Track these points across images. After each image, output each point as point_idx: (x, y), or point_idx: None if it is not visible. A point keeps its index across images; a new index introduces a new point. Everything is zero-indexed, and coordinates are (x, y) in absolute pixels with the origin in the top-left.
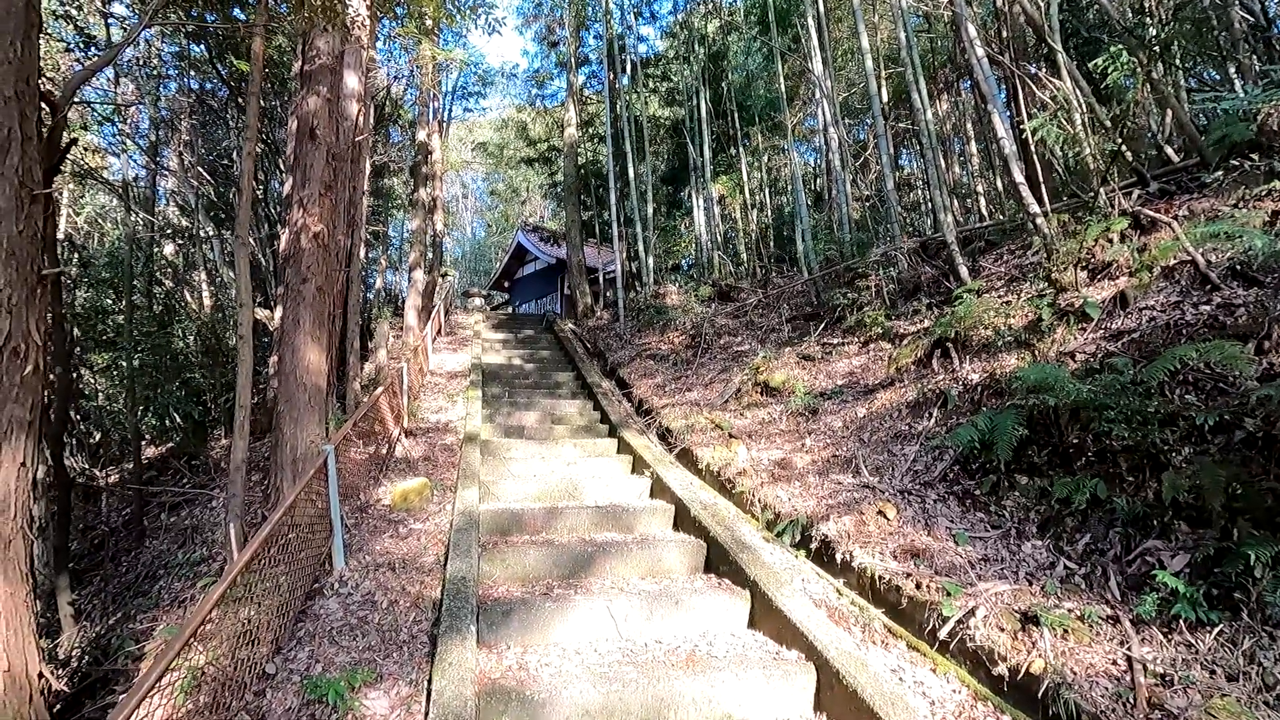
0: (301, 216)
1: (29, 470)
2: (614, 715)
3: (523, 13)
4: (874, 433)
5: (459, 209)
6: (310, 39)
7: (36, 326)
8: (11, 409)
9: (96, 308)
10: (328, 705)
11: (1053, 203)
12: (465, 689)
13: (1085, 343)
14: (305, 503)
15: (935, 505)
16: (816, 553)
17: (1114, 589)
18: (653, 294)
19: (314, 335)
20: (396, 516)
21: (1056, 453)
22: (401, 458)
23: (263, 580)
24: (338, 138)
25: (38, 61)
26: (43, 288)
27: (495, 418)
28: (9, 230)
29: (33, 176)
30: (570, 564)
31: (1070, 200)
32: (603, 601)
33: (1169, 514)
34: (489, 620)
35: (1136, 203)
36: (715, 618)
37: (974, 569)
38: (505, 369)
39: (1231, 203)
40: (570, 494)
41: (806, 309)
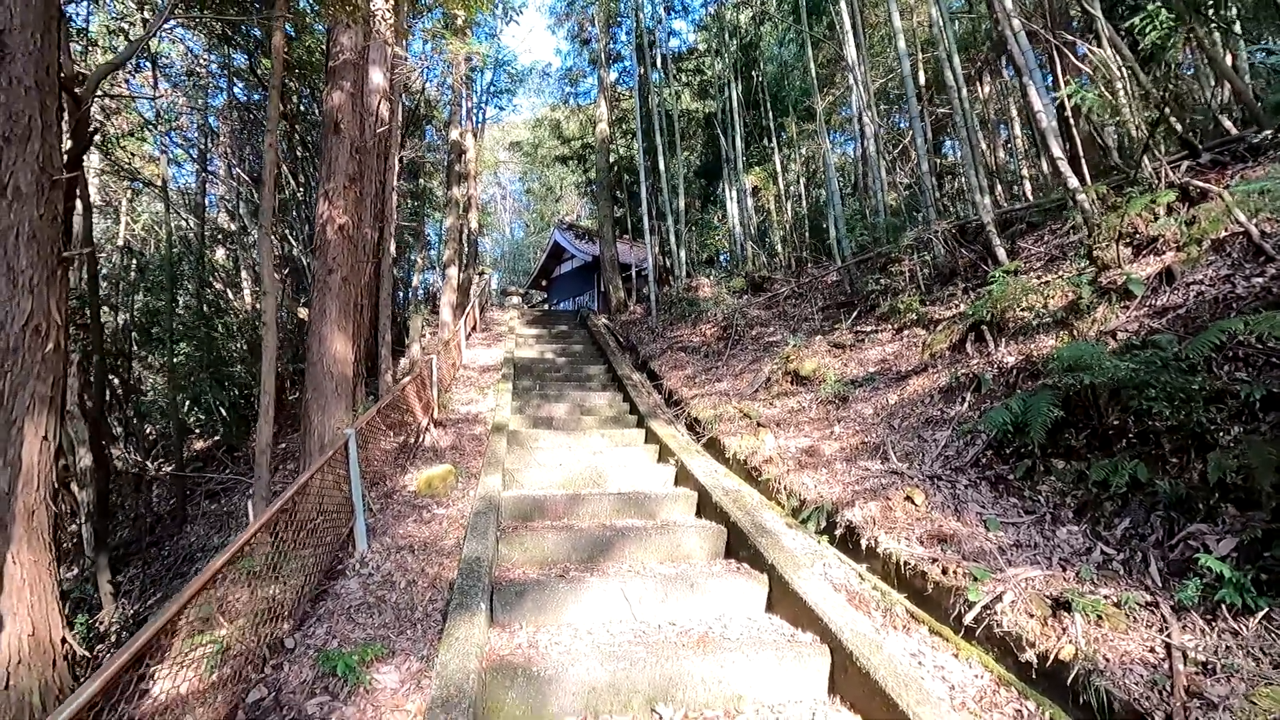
0: (327, 209)
1: (50, 444)
2: (620, 693)
3: (555, 12)
4: (905, 419)
5: (498, 209)
6: (334, 35)
7: (57, 307)
8: (34, 385)
9: (151, 309)
10: (339, 678)
11: (1096, 179)
12: (469, 663)
13: (1127, 320)
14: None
15: (966, 490)
16: (841, 539)
17: (1154, 575)
18: (685, 287)
19: (340, 325)
20: (421, 502)
21: (1095, 435)
22: (429, 447)
23: (283, 558)
24: (362, 132)
25: (58, 54)
26: (64, 268)
27: (525, 409)
28: (30, 213)
29: (53, 163)
30: (589, 548)
31: (1116, 176)
32: (617, 584)
33: (1215, 496)
34: (503, 600)
35: (1186, 174)
36: (732, 601)
37: (1004, 555)
38: (537, 363)
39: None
40: (594, 481)
41: (840, 298)
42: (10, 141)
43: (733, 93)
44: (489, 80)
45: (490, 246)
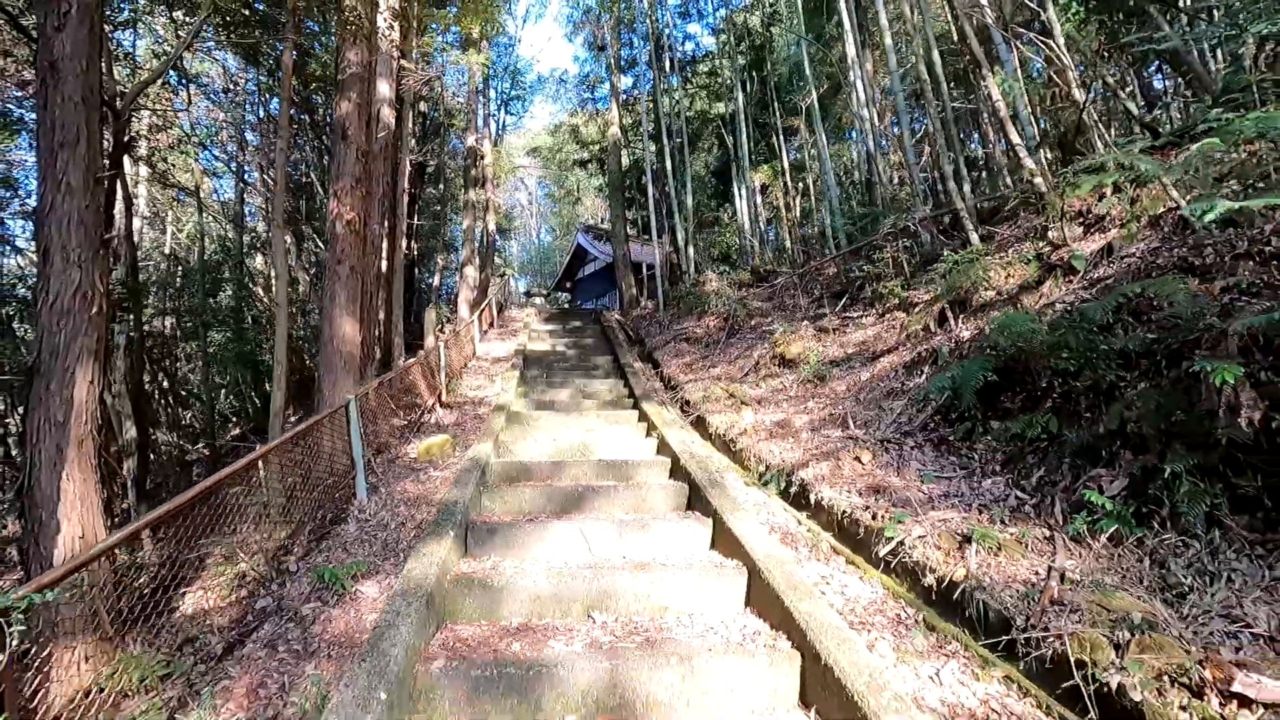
0: (336, 206)
1: (95, 387)
2: (561, 602)
3: (571, 20)
4: (870, 392)
5: (524, 215)
6: (342, 51)
7: (100, 279)
8: (82, 340)
9: (190, 308)
10: (331, 589)
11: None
12: (431, 570)
13: (1067, 293)
14: (336, 449)
15: (911, 451)
16: (796, 496)
17: (1058, 514)
18: (693, 283)
19: (348, 310)
20: (419, 466)
21: (1029, 396)
22: (434, 424)
23: (293, 503)
24: (369, 138)
25: (100, 77)
26: (105, 249)
27: (530, 394)
28: (79, 204)
29: (97, 164)
30: (563, 502)
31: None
32: (579, 526)
33: (1116, 444)
34: (476, 538)
35: (1137, 155)
36: (679, 541)
37: (931, 503)
38: (548, 354)
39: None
40: (581, 451)
41: (836, 287)
42: (63, 146)
43: (739, 96)
44: (506, 87)
45: (518, 251)
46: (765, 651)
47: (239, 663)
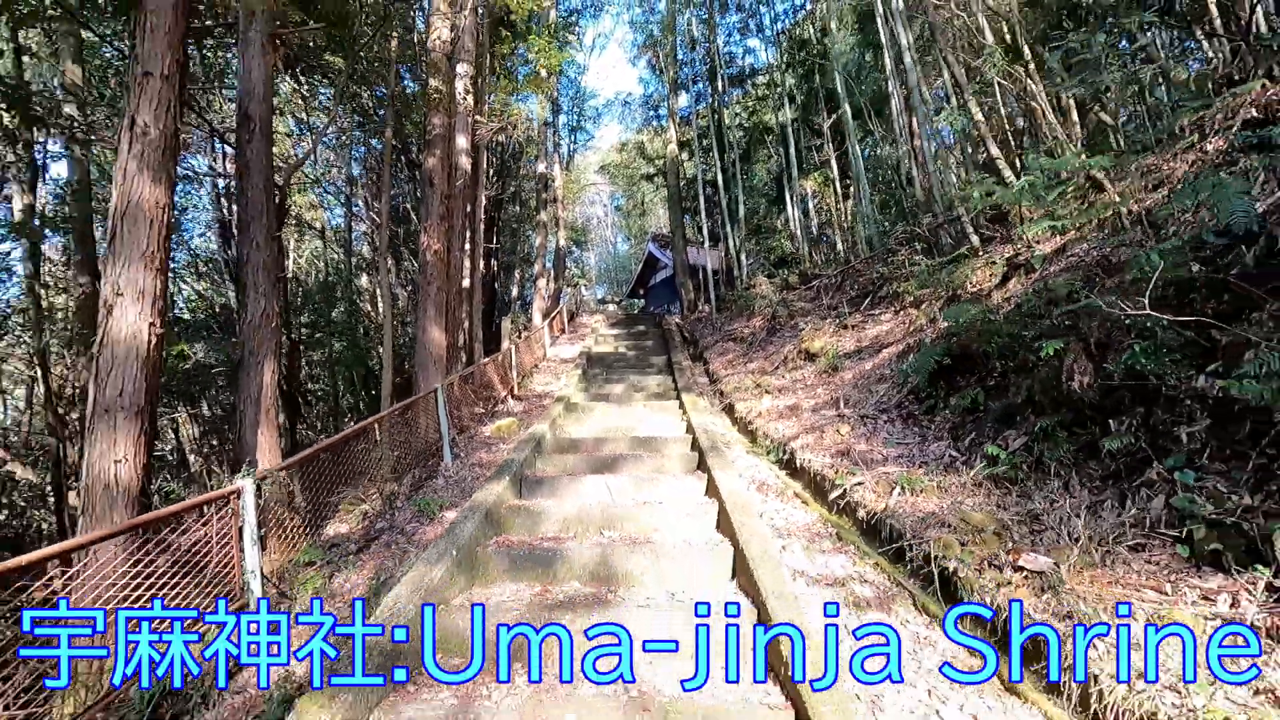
0: (426, 239)
1: (275, 375)
2: (581, 522)
3: (635, 44)
4: (867, 379)
5: (599, 226)
6: (429, 116)
7: (276, 304)
8: (267, 345)
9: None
10: (425, 515)
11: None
12: (490, 498)
13: (1023, 289)
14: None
15: (883, 424)
16: (787, 461)
17: (976, 466)
18: (745, 286)
19: (436, 321)
20: (492, 442)
21: (980, 378)
22: (506, 411)
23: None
24: (449, 184)
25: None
26: (281, 286)
27: (589, 389)
28: (264, 256)
29: (273, 227)
30: (598, 465)
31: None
32: (605, 480)
33: (1027, 410)
34: (528, 486)
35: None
36: (680, 490)
37: (885, 462)
38: (609, 355)
39: (1168, 158)
40: (623, 431)
41: (869, 286)
42: (253, 218)
43: (787, 109)
44: (575, 115)
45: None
46: (713, 548)
47: (366, 555)
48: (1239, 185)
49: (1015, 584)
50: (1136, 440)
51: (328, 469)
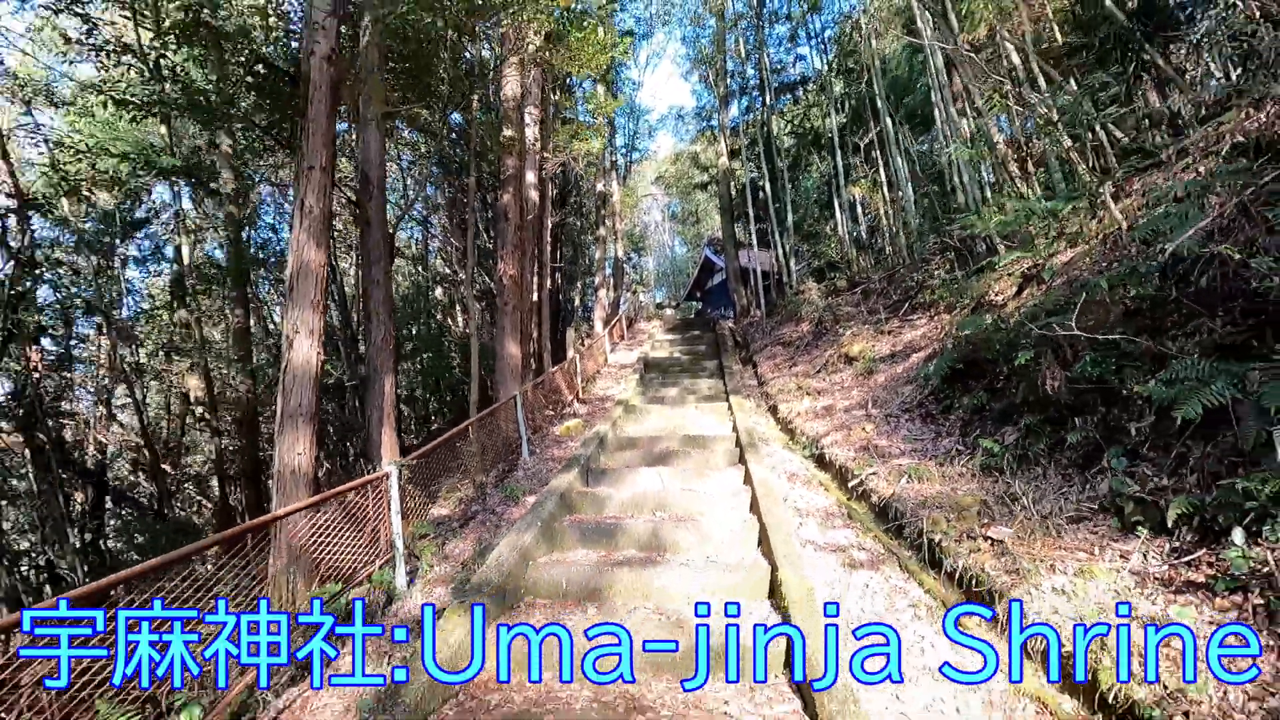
0: (502, 266)
1: (393, 385)
2: (637, 505)
3: (688, 58)
4: (896, 381)
5: (657, 231)
6: (502, 159)
7: (394, 328)
8: (387, 361)
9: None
10: (510, 499)
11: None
12: (563, 484)
13: (1032, 299)
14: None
15: (904, 422)
16: (818, 456)
17: (978, 457)
18: (795, 291)
19: (512, 337)
20: (562, 440)
21: (988, 382)
22: (572, 413)
23: (485, 457)
24: (521, 216)
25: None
26: (394, 311)
27: (646, 392)
28: (383, 291)
29: (389, 266)
30: (652, 459)
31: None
32: (658, 471)
33: (1022, 409)
34: (593, 476)
35: (1109, 185)
36: (723, 480)
37: (902, 455)
38: (665, 360)
39: (1167, 176)
40: (675, 429)
41: (908, 293)
42: (374, 261)
43: (833, 117)
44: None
45: (653, 266)
46: (744, 525)
47: (466, 529)
48: (1192, 212)
49: (983, 550)
50: (1094, 434)
51: (433, 463)
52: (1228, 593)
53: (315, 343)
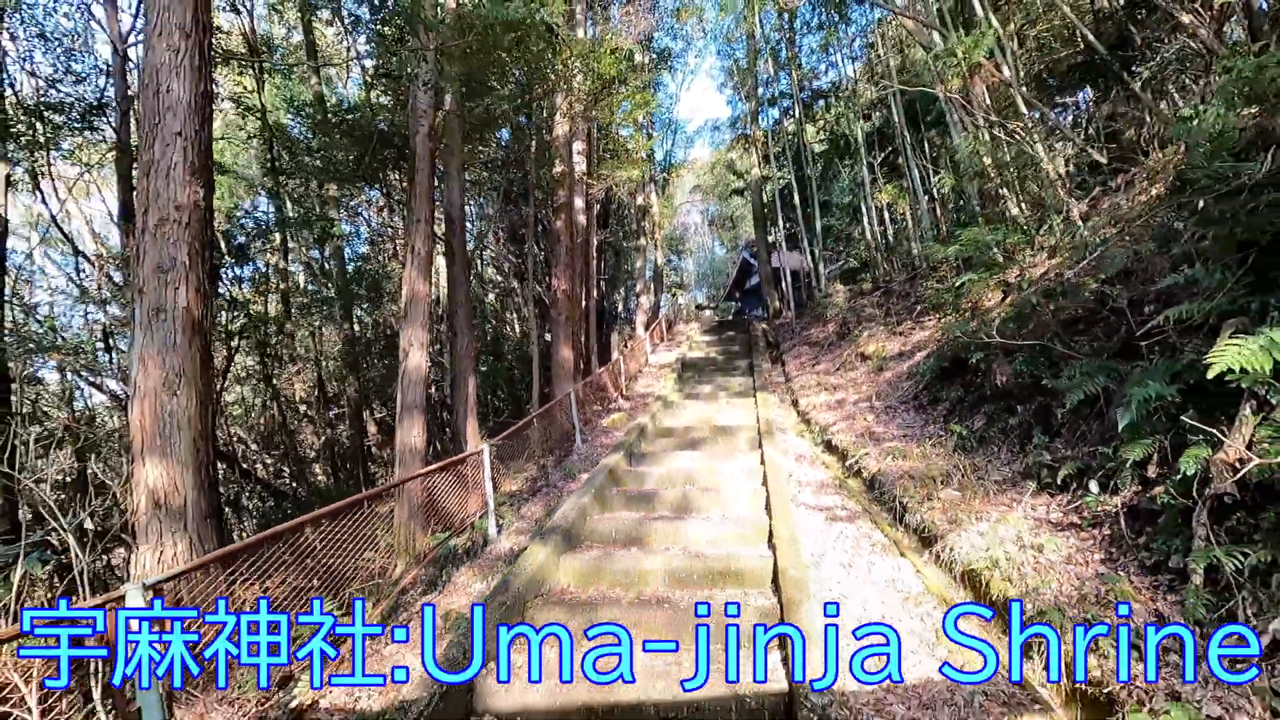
0: (556, 282)
1: (475, 383)
2: (672, 480)
3: (723, 70)
4: (900, 377)
5: (697, 233)
6: (554, 190)
7: (474, 337)
8: (468, 365)
9: None
10: (568, 475)
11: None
12: (611, 463)
13: (1011, 304)
14: (565, 421)
15: (900, 412)
16: (826, 441)
17: (950, 440)
18: (824, 294)
19: (565, 343)
20: (608, 430)
21: (968, 377)
22: (617, 408)
23: (548, 441)
24: (572, 239)
25: (467, 248)
26: (475, 326)
27: (683, 389)
28: (466, 310)
29: (469, 288)
30: (686, 445)
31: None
32: (689, 454)
33: (988, 400)
34: (635, 459)
35: (1086, 200)
36: (743, 460)
37: (891, 439)
38: (701, 360)
39: (1128, 199)
40: (706, 421)
41: (924, 296)
42: (460, 285)
43: (856, 128)
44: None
45: (693, 268)
46: (755, 494)
47: (535, 499)
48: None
49: (936, 508)
50: (1029, 419)
51: (503, 449)
52: (1091, 528)
53: (424, 352)
